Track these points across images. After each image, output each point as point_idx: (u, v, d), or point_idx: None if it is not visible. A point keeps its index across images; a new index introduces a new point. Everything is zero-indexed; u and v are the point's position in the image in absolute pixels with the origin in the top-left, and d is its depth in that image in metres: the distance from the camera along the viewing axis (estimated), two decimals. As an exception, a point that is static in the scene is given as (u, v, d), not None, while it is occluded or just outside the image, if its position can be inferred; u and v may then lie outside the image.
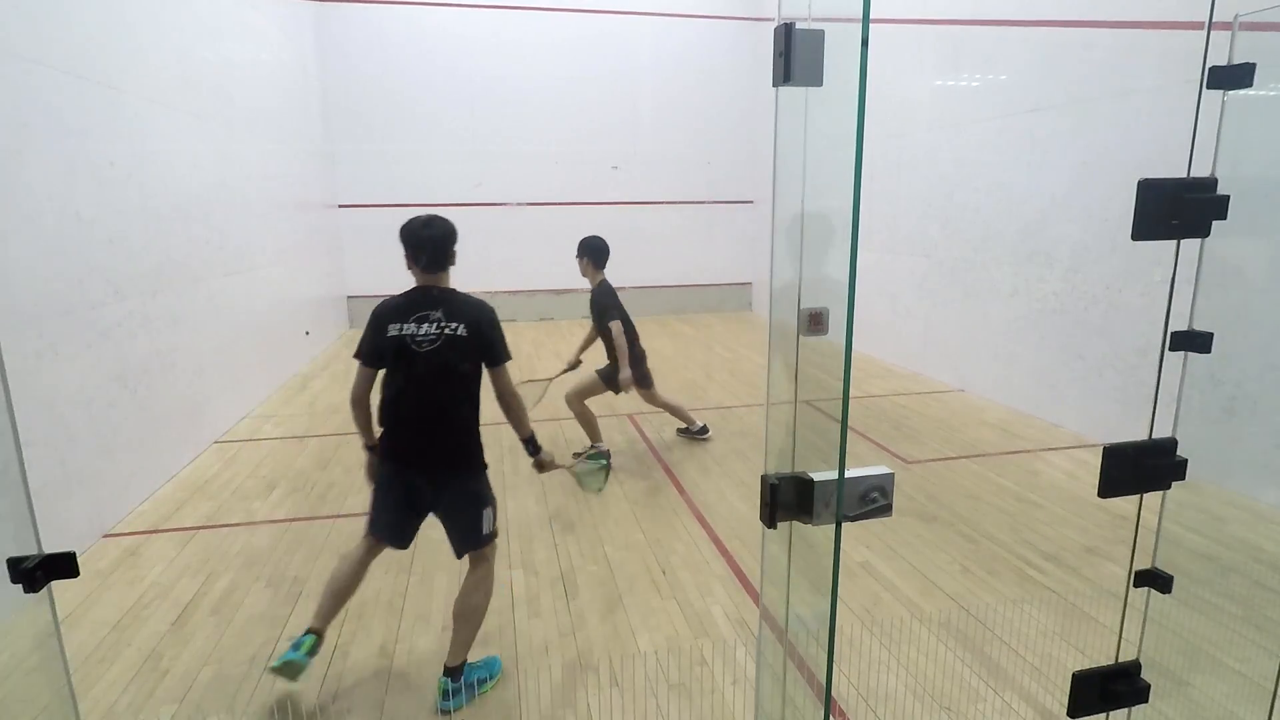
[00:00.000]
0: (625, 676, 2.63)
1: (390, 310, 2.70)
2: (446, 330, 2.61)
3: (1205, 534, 3.67)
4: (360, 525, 3.89)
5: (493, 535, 2.67)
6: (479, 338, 2.63)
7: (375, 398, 2.64)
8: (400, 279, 2.85)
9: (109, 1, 4.26)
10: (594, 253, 4.84)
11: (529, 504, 4.18)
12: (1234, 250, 3.70)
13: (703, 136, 10.99)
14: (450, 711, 2.48)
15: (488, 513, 2.64)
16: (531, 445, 2.82)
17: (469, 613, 2.58)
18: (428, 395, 2.54)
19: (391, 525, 2.66)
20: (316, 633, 2.54)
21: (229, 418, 5.69)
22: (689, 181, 11.08)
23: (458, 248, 2.90)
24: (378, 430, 2.63)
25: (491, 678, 2.61)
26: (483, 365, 2.65)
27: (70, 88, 3.80)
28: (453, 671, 2.50)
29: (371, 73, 9.81)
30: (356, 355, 2.63)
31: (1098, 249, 5.05)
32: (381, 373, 2.61)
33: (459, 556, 2.68)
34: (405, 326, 2.62)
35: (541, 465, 2.90)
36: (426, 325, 2.63)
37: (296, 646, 2.48)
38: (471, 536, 2.62)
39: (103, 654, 2.81)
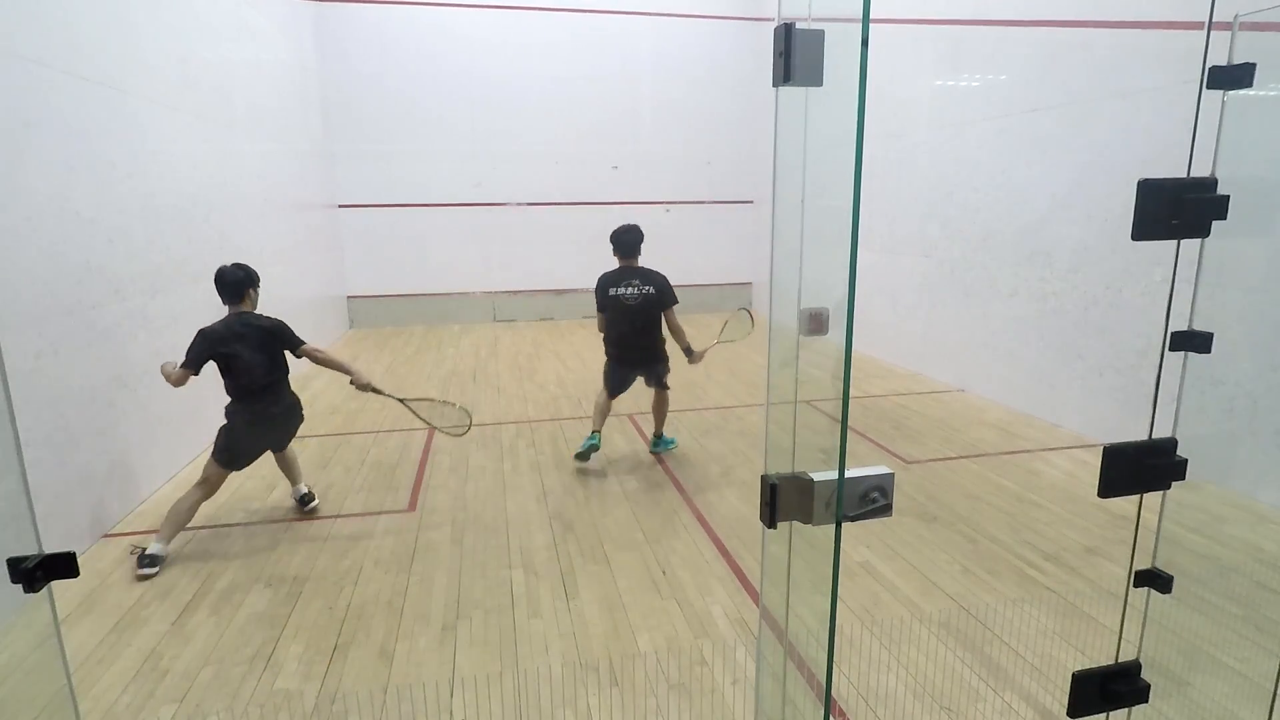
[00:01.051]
0: (625, 676, 2.64)
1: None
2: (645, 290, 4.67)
3: (1205, 534, 3.67)
4: (359, 524, 3.90)
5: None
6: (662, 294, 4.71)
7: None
8: (400, 278, 2.88)
9: (109, 2, 4.26)
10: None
11: (529, 504, 4.18)
12: (1234, 250, 3.70)
13: (703, 136, 10.99)
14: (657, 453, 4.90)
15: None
16: (689, 353, 4.76)
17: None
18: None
19: (616, 386, 4.84)
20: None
21: (229, 418, 5.68)
22: (689, 181, 11.08)
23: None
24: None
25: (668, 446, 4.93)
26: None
27: (70, 88, 3.80)
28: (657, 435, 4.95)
29: (371, 72, 9.82)
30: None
31: (1098, 249, 5.05)
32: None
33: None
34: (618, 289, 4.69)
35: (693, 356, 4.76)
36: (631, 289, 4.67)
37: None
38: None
39: (103, 654, 2.81)
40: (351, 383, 3.82)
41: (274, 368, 3.83)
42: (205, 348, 3.68)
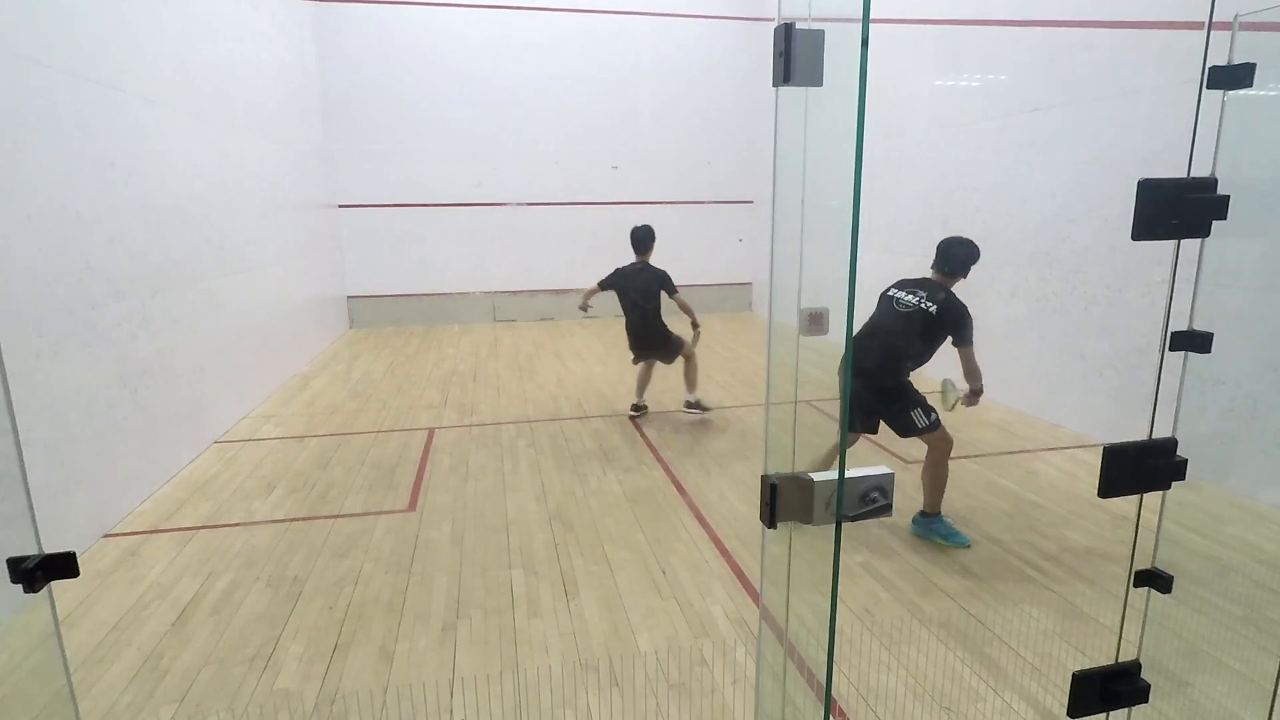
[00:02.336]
0: (625, 676, 2.64)
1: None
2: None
3: (1205, 534, 3.67)
4: (359, 524, 3.90)
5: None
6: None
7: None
8: (400, 278, 2.90)
9: (109, 1, 4.26)
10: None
11: (529, 504, 4.18)
12: (1234, 250, 3.71)
13: (703, 136, 10.99)
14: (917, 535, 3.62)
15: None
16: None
17: None
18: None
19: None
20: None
21: (229, 418, 5.69)
22: (689, 181, 11.08)
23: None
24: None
25: (947, 539, 3.55)
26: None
27: (70, 88, 3.80)
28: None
29: (371, 73, 9.81)
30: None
31: (1098, 249, 5.04)
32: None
33: None
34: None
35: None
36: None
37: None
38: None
39: (103, 654, 2.81)
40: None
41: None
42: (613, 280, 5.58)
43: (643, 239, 5.63)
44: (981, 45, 6.21)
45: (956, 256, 3.69)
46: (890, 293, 3.81)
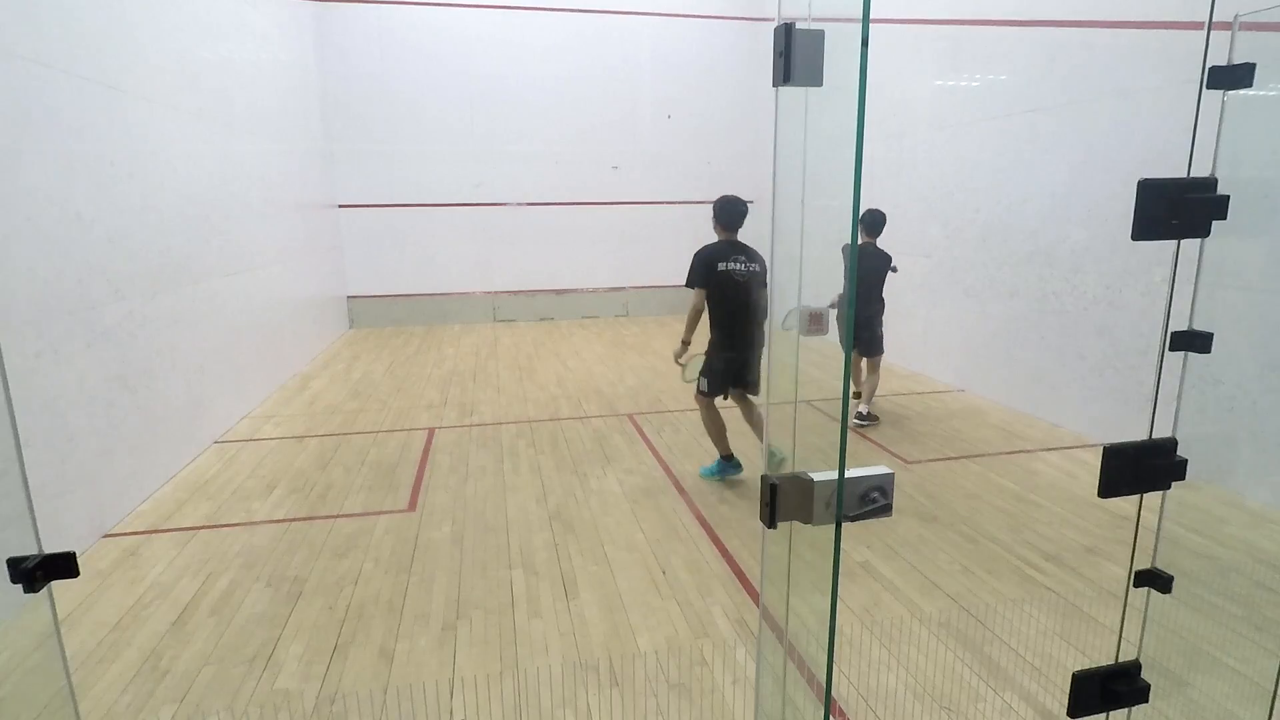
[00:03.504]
0: (625, 676, 2.64)
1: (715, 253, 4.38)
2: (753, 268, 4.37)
3: (1205, 534, 3.67)
4: (359, 524, 3.90)
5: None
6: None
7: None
8: (400, 278, 2.91)
9: (109, 1, 4.26)
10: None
11: (529, 504, 4.18)
12: (1234, 250, 3.70)
13: (703, 136, 10.99)
14: (708, 478, 4.45)
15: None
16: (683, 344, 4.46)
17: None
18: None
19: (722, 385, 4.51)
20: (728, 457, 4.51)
21: (229, 418, 5.69)
22: (689, 181, 11.08)
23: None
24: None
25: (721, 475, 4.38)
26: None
27: (70, 87, 3.80)
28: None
29: (371, 73, 9.82)
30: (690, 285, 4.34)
31: (1098, 249, 5.05)
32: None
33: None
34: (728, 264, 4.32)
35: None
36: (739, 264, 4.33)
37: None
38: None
39: (103, 654, 2.81)
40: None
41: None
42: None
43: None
44: (981, 45, 6.21)
45: (740, 214, 4.37)
46: (722, 269, 4.23)
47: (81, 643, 2.87)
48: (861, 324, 5.53)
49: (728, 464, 4.53)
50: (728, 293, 4.21)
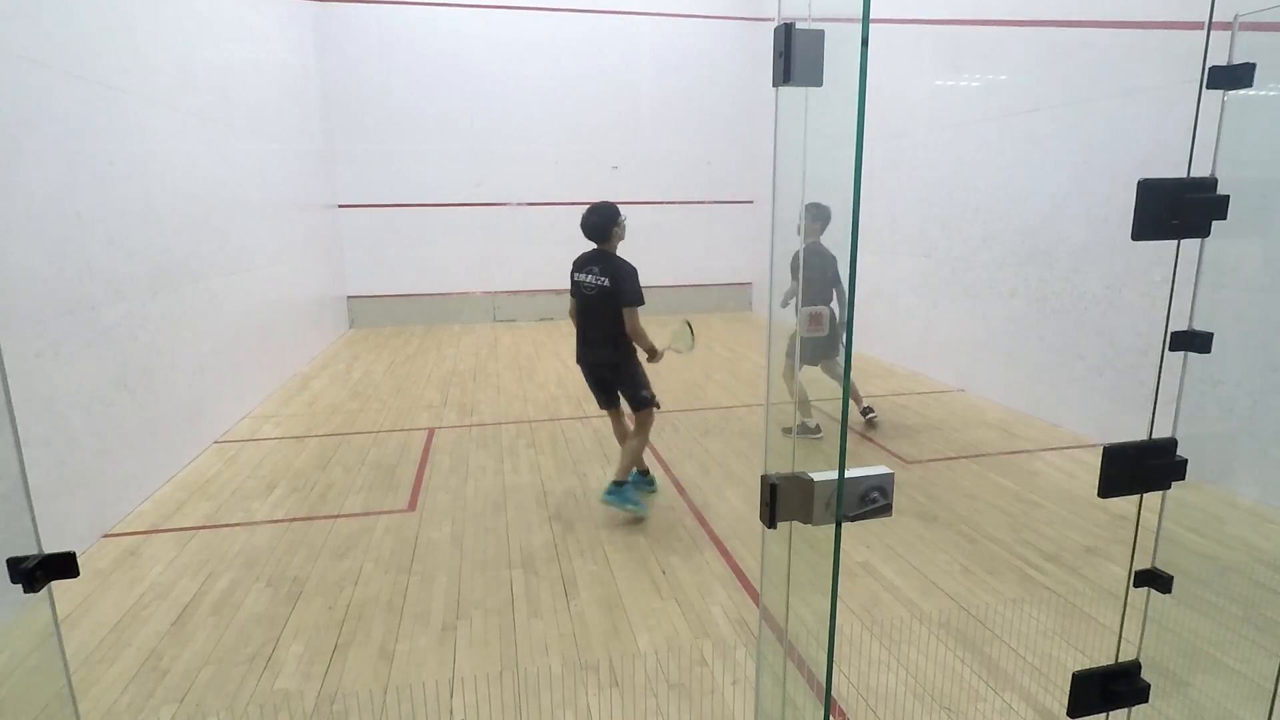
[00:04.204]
0: (625, 676, 2.64)
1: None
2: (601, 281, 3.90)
3: (1205, 534, 3.67)
4: (359, 524, 3.90)
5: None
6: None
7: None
8: (400, 278, 2.91)
9: (109, 1, 4.26)
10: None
11: (529, 504, 4.18)
12: (1234, 250, 3.71)
13: (703, 136, 10.99)
14: (608, 505, 3.85)
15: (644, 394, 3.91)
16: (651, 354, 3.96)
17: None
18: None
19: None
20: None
21: (229, 418, 5.69)
22: (689, 181, 11.08)
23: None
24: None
25: (636, 505, 3.86)
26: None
27: (70, 88, 3.80)
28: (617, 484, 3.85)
29: (371, 73, 9.81)
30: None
31: (1098, 249, 5.05)
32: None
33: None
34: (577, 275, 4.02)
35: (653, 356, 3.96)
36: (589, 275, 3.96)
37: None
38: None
39: (103, 654, 2.81)
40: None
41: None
42: None
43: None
44: (981, 45, 6.21)
45: (593, 225, 4.04)
46: (575, 278, 4.06)
47: (81, 643, 2.87)
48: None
49: (641, 479, 4.24)
50: (579, 303, 4.00)
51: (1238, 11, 1.40)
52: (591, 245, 4.06)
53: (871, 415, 5.49)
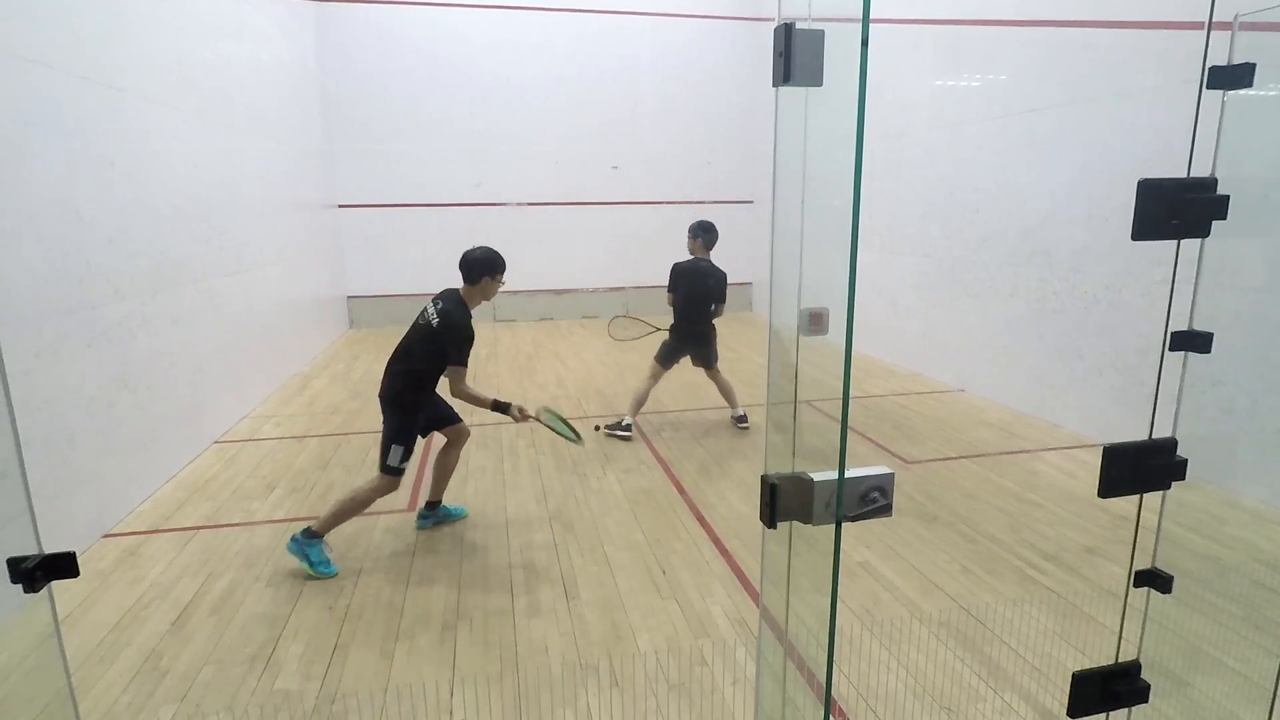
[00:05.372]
0: (625, 676, 2.64)
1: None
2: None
3: (1205, 534, 3.67)
4: (359, 524, 3.89)
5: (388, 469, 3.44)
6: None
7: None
8: (400, 278, 2.91)
9: (109, 1, 4.26)
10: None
11: (529, 504, 4.18)
12: (1234, 250, 3.70)
13: (703, 136, 10.99)
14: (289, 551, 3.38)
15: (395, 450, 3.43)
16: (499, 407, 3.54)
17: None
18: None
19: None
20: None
21: (229, 418, 5.69)
22: (689, 181, 11.08)
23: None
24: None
25: (315, 567, 3.35)
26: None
27: (70, 88, 3.80)
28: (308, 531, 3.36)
29: (371, 73, 9.81)
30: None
31: (1098, 249, 5.05)
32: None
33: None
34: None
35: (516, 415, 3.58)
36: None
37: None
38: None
39: (103, 654, 2.81)
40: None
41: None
42: None
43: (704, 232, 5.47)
44: (981, 45, 6.21)
45: (468, 260, 3.89)
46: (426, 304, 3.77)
47: (81, 643, 2.87)
48: (696, 338, 5.43)
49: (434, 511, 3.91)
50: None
51: (1238, 11, 1.39)
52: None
53: (744, 426, 5.54)
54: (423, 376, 3.55)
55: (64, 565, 1.15)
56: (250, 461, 4.93)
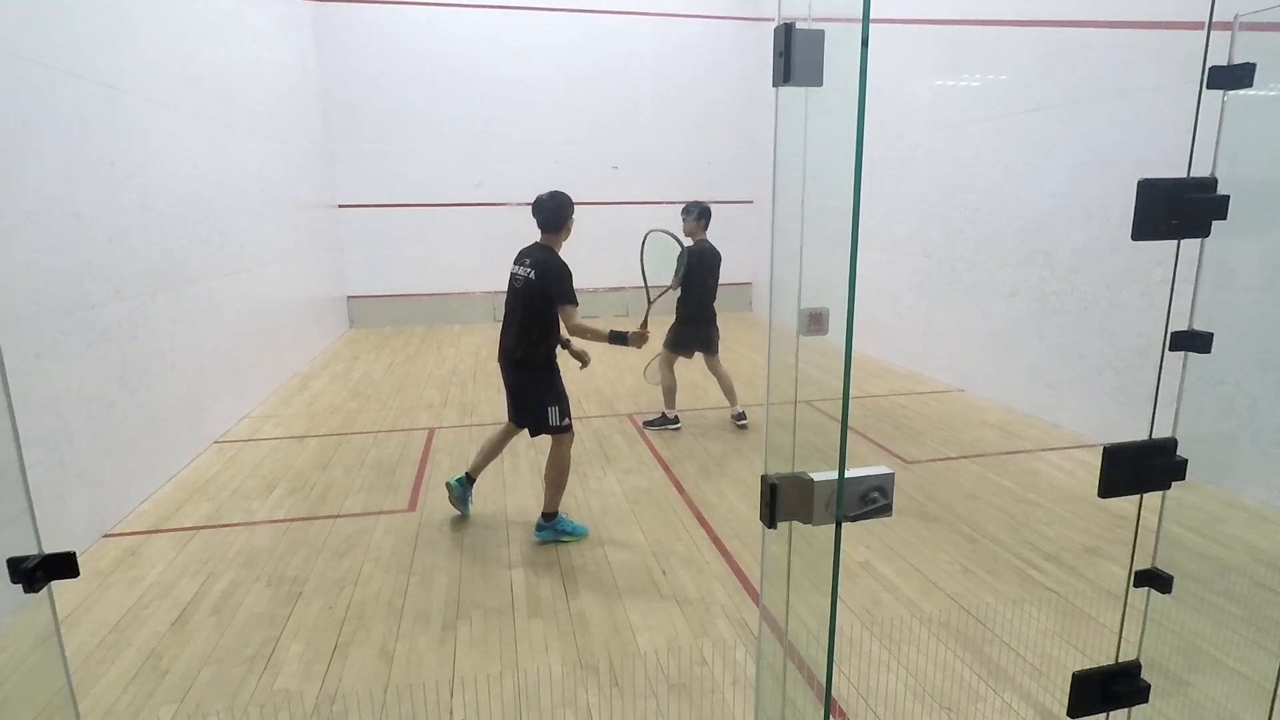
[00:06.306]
0: (625, 676, 2.64)
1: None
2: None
3: (1205, 534, 3.67)
4: (359, 524, 3.90)
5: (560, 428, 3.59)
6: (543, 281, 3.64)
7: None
8: (400, 278, 2.91)
9: (109, 1, 4.26)
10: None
11: (529, 504, 4.18)
12: (1234, 250, 3.70)
13: (703, 136, 10.99)
14: (541, 542, 3.64)
15: (552, 410, 3.57)
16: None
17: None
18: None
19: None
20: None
21: (229, 418, 5.69)
22: (689, 181, 11.08)
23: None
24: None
25: (574, 535, 3.66)
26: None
27: (70, 88, 3.80)
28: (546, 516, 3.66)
29: (371, 73, 9.81)
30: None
31: (1098, 249, 5.05)
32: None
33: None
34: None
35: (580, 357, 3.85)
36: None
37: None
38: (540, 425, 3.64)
39: (103, 654, 2.81)
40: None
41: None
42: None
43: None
44: (981, 45, 6.21)
45: (547, 208, 3.91)
46: (511, 269, 3.88)
47: (81, 643, 2.87)
48: (707, 321, 5.52)
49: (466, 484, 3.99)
50: (507, 295, 3.87)
51: (1238, 11, 1.39)
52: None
53: (743, 424, 5.55)
54: (544, 328, 3.63)
55: (64, 565, 1.15)
56: (250, 461, 4.93)
